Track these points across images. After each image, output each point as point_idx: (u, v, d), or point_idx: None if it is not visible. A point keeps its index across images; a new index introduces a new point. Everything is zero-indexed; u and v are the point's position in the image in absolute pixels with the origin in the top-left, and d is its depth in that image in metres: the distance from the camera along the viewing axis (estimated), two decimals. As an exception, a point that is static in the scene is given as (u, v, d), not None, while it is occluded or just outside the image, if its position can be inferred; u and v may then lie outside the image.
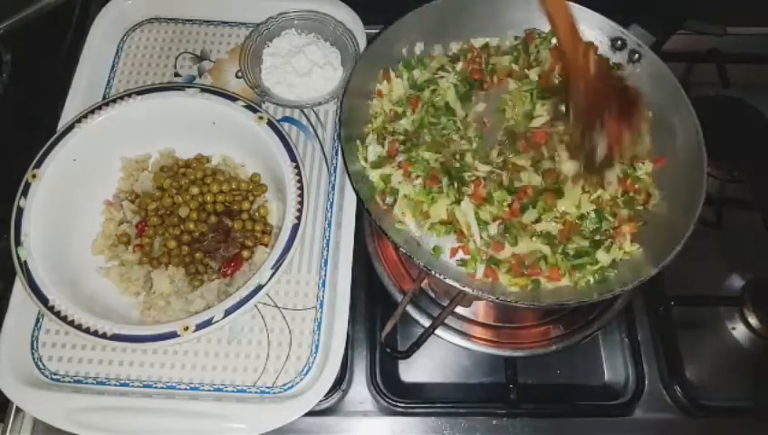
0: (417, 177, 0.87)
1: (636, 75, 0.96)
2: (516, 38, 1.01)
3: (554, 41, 1.00)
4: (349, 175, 0.84)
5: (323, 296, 0.90)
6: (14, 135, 1.05)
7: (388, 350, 0.87)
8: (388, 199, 0.88)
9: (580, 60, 0.83)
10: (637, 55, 0.96)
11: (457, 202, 0.85)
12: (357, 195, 0.84)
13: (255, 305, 0.86)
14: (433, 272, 0.77)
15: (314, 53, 1.04)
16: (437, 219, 0.86)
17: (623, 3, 1.00)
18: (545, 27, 1.00)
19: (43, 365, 0.85)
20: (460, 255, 0.85)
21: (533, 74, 0.97)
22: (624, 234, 0.86)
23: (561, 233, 0.86)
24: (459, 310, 0.95)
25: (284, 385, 0.85)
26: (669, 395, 0.91)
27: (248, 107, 0.95)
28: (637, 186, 0.89)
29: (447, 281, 0.77)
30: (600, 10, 0.97)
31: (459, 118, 0.94)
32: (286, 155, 0.92)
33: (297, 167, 0.91)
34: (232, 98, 0.95)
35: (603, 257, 0.84)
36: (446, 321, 0.89)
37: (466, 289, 0.77)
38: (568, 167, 0.88)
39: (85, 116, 0.93)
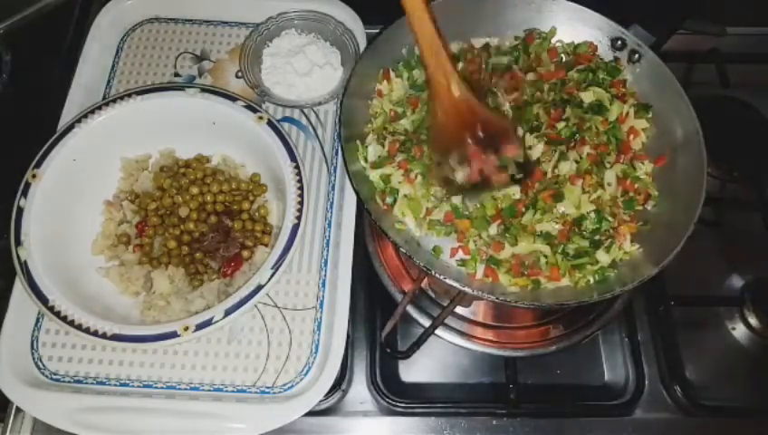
0: (417, 175, 0.87)
1: (636, 75, 0.96)
2: (516, 38, 1.01)
3: (554, 41, 1.00)
4: (349, 175, 0.84)
5: (323, 296, 0.90)
6: (14, 135, 1.05)
7: (388, 350, 0.87)
8: (388, 199, 0.88)
9: (442, 79, 0.81)
10: (637, 55, 0.96)
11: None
12: (357, 195, 0.84)
13: (255, 305, 0.86)
14: (433, 272, 0.77)
15: (314, 53, 1.04)
16: (440, 217, 0.86)
17: (623, 3, 1.00)
18: (546, 27, 1.01)
19: (43, 365, 0.85)
20: (460, 255, 0.85)
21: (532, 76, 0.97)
22: (624, 234, 0.86)
23: (561, 233, 0.86)
24: (459, 310, 0.95)
25: (284, 385, 0.85)
26: (669, 395, 0.91)
27: (248, 107, 0.95)
28: (636, 186, 0.89)
29: (447, 281, 0.77)
30: (600, 10, 0.97)
31: None
32: (286, 155, 0.92)
33: (297, 167, 0.91)
34: (232, 98, 0.95)
35: (603, 257, 0.84)
36: (446, 321, 0.89)
37: (466, 289, 0.77)
38: (563, 168, 0.88)
39: (85, 116, 0.93)
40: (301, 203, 0.88)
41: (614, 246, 0.85)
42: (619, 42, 0.97)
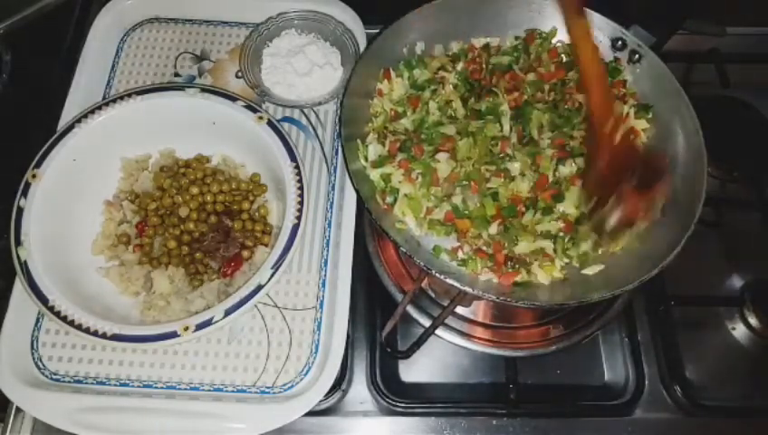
0: (417, 175, 0.87)
1: (636, 75, 0.96)
2: (517, 38, 1.01)
3: (554, 41, 1.00)
4: (349, 174, 0.85)
5: (323, 296, 0.90)
6: (14, 135, 1.05)
7: (389, 350, 0.87)
8: (389, 199, 0.88)
9: (608, 127, 0.81)
10: (637, 56, 0.96)
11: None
12: (357, 194, 0.84)
13: (255, 305, 0.86)
14: (433, 271, 0.77)
15: (314, 53, 1.04)
16: (440, 217, 0.86)
17: (623, 3, 1.00)
18: (546, 28, 1.01)
19: (43, 365, 0.85)
20: (460, 254, 0.85)
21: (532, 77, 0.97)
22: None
23: (563, 230, 0.86)
24: (459, 310, 0.95)
25: (284, 385, 0.85)
26: (669, 395, 0.91)
27: (248, 107, 0.95)
28: None
29: (447, 281, 0.77)
30: (600, 10, 0.97)
31: (460, 117, 0.94)
32: (286, 155, 0.92)
33: (297, 167, 0.91)
34: (232, 98, 0.95)
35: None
36: (447, 321, 0.89)
37: (466, 289, 0.77)
38: (564, 170, 0.88)
39: (85, 116, 0.93)
40: (301, 203, 0.88)
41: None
42: (620, 42, 0.97)
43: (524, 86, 0.95)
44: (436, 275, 0.77)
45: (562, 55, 0.99)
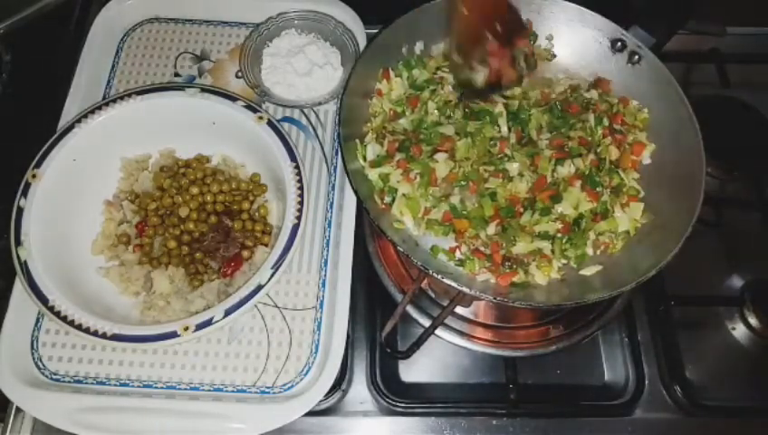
0: (416, 175, 0.87)
1: (636, 76, 0.96)
2: None
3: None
4: (348, 173, 0.85)
5: (323, 296, 0.90)
6: (14, 135, 1.05)
7: (389, 350, 0.87)
8: (387, 198, 0.88)
9: None
10: (637, 57, 0.96)
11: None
12: (355, 193, 0.84)
13: (255, 305, 0.86)
14: (430, 271, 0.77)
15: (314, 53, 1.04)
16: (438, 217, 0.86)
17: (623, 4, 1.00)
18: (546, 28, 1.01)
19: (43, 365, 0.85)
20: (458, 254, 0.85)
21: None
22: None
23: (561, 231, 0.86)
24: (459, 310, 0.95)
25: (284, 385, 0.85)
26: (669, 395, 0.91)
27: (248, 107, 0.95)
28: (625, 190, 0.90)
29: (445, 281, 0.77)
30: (600, 11, 0.97)
31: (459, 117, 0.94)
32: (286, 155, 0.92)
33: (297, 167, 0.91)
34: (232, 98, 0.95)
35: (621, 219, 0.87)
36: (446, 321, 0.89)
37: (463, 289, 0.77)
38: (562, 171, 0.88)
39: (85, 116, 0.93)
40: (301, 203, 0.88)
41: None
42: (619, 43, 0.97)
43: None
44: (434, 274, 0.77)
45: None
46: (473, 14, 0.81)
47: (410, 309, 0.93)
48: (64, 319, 0.81)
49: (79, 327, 0.81)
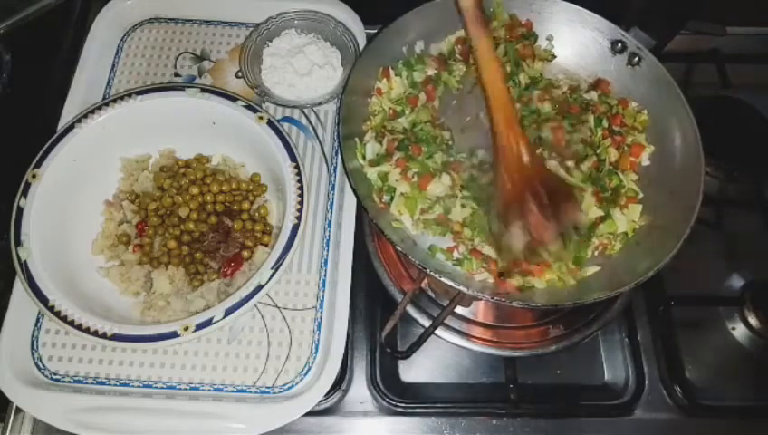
0: (414, 175, 0.87)
1: (635, 78, 0.96)
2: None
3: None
4: (347, 172, 0.85)
5: (323, 296, 0.90)
6: (14, 135, 1.05)
7: (389, 350, 0.87)
8: (386, 197, 0.88)
9: (514, 145, 0.81)
10: (637, 58, 0.95)
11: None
12: (354, 192, 0.84)
13: (255, 305, 0.86)
14: (429, 271, 0.77)
15: (314, 53, 1.04)
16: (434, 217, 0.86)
17: (623, 5, 1.00)
18: (546, 29, 1.01)
19: (43, 365, 0.85)
20: (456, 254, 0.85)
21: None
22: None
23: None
24: (459, 310, 0.95)
25: (284, 385, 0.85)
26: (669, 395, 0.91)
27: (248, 107, 0.95)
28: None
29: (443, 280, 0.77)
30: (600, 12, 0.97)
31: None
32: (286, 155, 0.92)
33: (297, 167, 0.91)
34: (232, 98, 0.95)
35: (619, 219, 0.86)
36: (446, 321, 0.89)
37: (461, 288, 0.77)
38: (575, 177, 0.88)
39: (85, 116, 0.93)
40: (301, 203, 0.88)
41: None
42: (619, 44, 0.97)
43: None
44: (432, 274, 0.77)
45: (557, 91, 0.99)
46: (516, 186, 0.80)
47: (410, 309, 0.93)
48: (64, 319, 0.81)
49: (79, 327, 0.81)
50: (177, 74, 1.07)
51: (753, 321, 0.96)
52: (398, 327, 0.97)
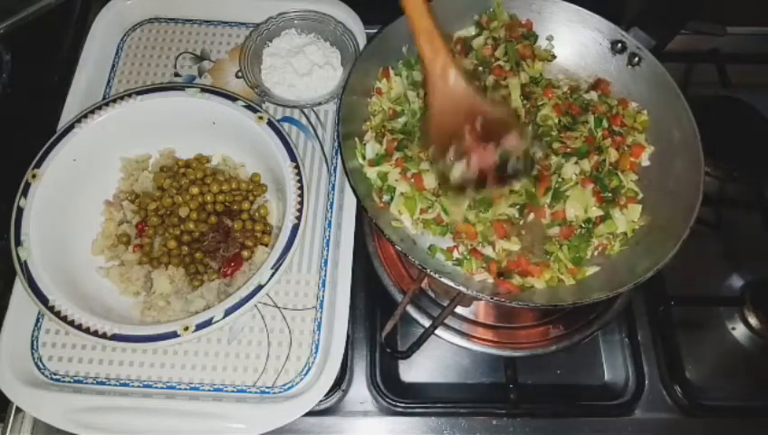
0: (413, 175, 0.87)
1: (635, 78, 0.96)
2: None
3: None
4: (346, 172, 0.85)
5: (323, 296, 0.90)
6: (14, 135, 1.05)
7: (389, 350, 0.87)
8: (385, 197, 0.88)
9: (437, 68, 0.79)
10: (637, 58, 0.95)
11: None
12: (354, 192, 0.84)
13: (255, 305, 0.86)
14: (428, 270, 0.77)
15: (314, 53, 1.04)
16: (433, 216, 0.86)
17: (624, 5, 1.00)
18: (546, 29, 1.01)
19: (43, 365, 0.85)
20: (456, 254, 0.85)
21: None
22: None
23: (562, 234, 0.86)
24: (459, 310, 0.95)
25: (284, 385, 0.85)
26: (669, 395, 0.91)
27: (248, 107, 0.95)
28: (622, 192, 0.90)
29: (443, 280, 0.77)
30: (600, 12, 0.97)
31: None
32: (286, 155, 0.92)
33: (297, 167, 0.91)
34: (232, 98, 0.95)
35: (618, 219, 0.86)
36: (446, 321, 0.89)
37: (461, 288, 0.77)
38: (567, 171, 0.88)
39: (85, 116, 0.93)
40: (301, 203, 0.88)
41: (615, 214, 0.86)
42: (619, 44, 0.97)
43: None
44: (432, 274, 0.77)
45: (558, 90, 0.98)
46: (445, 108, 0.79)
47: (410, 309, 0.93)
48: (64, 319, 0.81)
49: (79, 327, 0.81)
50: (177, 74, 1.07)
51: (753, 321, 0.96)
52: (398, 327, 0.97)
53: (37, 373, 0.85)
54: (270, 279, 0.83)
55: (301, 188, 0.89)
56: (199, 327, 0.81)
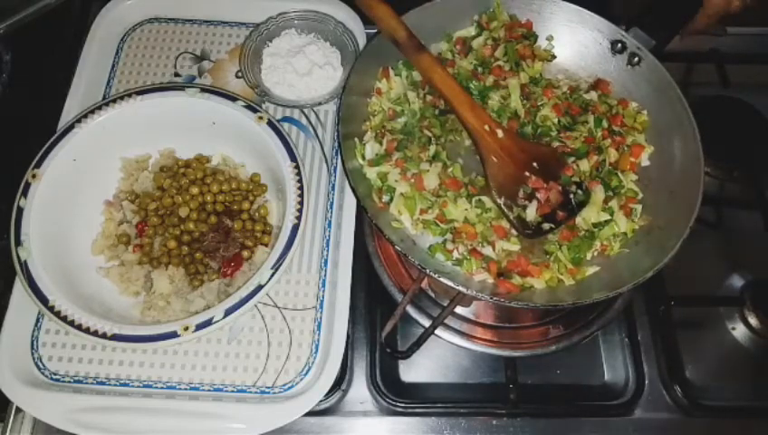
0: (413, 175, 0.87)
1: (635, 78, 0.96)
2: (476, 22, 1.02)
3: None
4: (346, 172, 0.85)
5: (323, 296, 0.90)
6: (14, 135, 1.05)
7: (388, 350, 0.87)
8: (385, 197, 0.88)
9: (485, 128, 0.87)
10: (636, 59, 0.95)
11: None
12: (353, 192, 0.84)
13: (255, 305, 0.86)
14: (428, 271, 0.77)
15: (314, 53, 1.04)
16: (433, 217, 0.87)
17: (624, 5, 1.00)
18: (546, 29, 1.01)
19: (43, 365, 0.85)
20: (455, 254, 0.85)
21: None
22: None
23: (562, 236, 0.86)
24: (459, 310, 0.95)
25: (284, 385, 0.85)
26: (669, 395, 0.91)
27: (248, 107, 0.95)
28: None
29: (442, 280, 0.77)
30: (600, 12, 0.97)
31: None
32: (286, 155, 0.92)
33: (297, 167, 0.91)
34: (232, 98, 0.95)
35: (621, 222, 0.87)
36: (446, 321, 0.89)
37: (461, 288, 0.77)
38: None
39: (85, 116, 0.93)
40: (301, 203, 0.88)
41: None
42: (619, 45, 0.97)
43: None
44: (432, 274, 0.77)
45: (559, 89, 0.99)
46: (502, 160, 0.86)
47: (410, 309, 0.93)
48: (64, 319, 0.81)
49: (79, 327, 0.81)
50: (177, 74, 1.07)
51: (753, 321, 0.96)
52: (398, 327, 0.97)
53: (37, 373, 0.85)
54: (270, 279, 0.83)
55: (301, 188, 0.89)
56: (199, 327, 0.81)
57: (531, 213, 0.85)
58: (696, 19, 0.93)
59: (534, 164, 0.87)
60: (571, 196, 0.87)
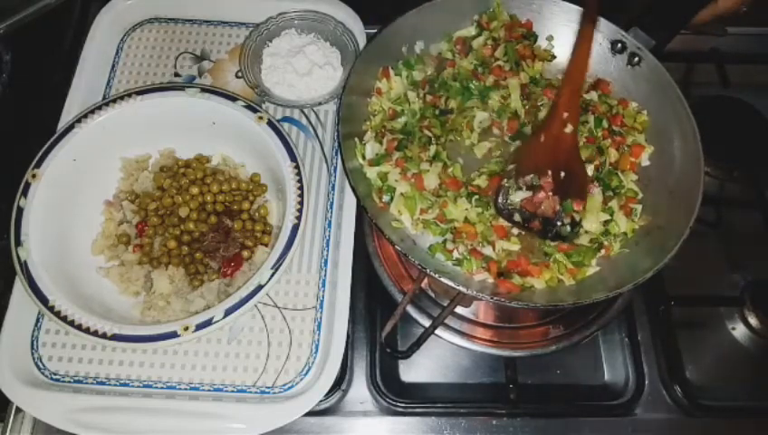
0: (413, 175, 0.87)
1: (635, 78, 0.96)
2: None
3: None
4: (346, 172, 0.85)
5: (323, 296, 0.90)
6: (14, 135, 1.05)
7: (389, 350, 0.87)
8: (385, 197, 0.88)
9: (564, 115, 0.87)
10: (636, 58, 0.95)
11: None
12: (354, 192, 0.84)
13: (255, 305, 0.86)
14: (428, 270, 0.77)
15: (314, 53, 1.04)
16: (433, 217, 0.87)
17: (624, 5, 1.00)
18: (546, 29, 1.01)
19: (43, 365, 0.85)
20: (455, 254, 0.85)
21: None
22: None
23: (560, 248, 0.86)
24: (459, 310, 0.95)
25: (284, 385, 0.85)
26: (669, 395, 0.91)
27: (248, 107, 0.95)
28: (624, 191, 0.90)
29: (443, 280, 0.77)
30: (600, 12, 0.96)
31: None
32: (286, 155, 0.92)
33: (297, 167, 0.91)
34: (232, 98, 0.95)
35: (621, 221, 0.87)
36: (446, 321, 0.89)
37: (461, 288, 0.77)
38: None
39: (85, 116, 0.93)
40: (301, 203, 0.88)
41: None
42: (619, 45, 0.97)
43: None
44: (432, 274, 0.77)
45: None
46: (547, 144, 0.87)
47: (410, 309, 0.93)
48: (64, 319, 0.81)
49: (79, 327, 0.81)
50: (177, 74, 1.07)
51: (753, 321, 0.96)
52: (398, 327, 0.97)
53: (37, 373, 0.85)
54: (270, 279, 0.83)
55: (301, 188, 0.89)
56: (199, 327, 0.81)
57: (517, 196, 0.85)
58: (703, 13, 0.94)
59: (562, 174, 0.85)
60: (558, 223, 0.84)
